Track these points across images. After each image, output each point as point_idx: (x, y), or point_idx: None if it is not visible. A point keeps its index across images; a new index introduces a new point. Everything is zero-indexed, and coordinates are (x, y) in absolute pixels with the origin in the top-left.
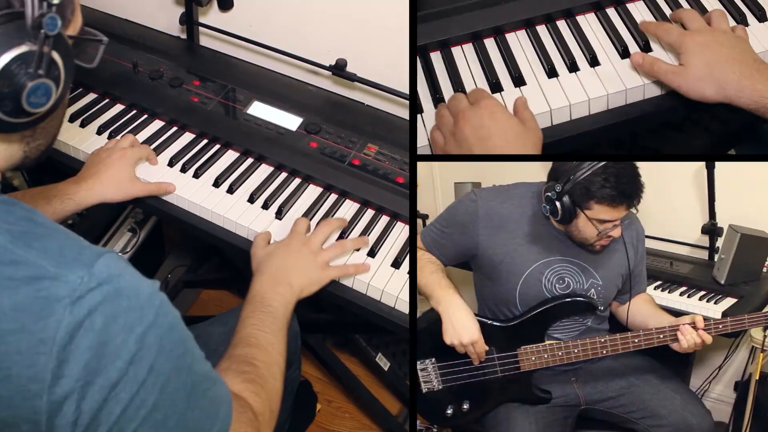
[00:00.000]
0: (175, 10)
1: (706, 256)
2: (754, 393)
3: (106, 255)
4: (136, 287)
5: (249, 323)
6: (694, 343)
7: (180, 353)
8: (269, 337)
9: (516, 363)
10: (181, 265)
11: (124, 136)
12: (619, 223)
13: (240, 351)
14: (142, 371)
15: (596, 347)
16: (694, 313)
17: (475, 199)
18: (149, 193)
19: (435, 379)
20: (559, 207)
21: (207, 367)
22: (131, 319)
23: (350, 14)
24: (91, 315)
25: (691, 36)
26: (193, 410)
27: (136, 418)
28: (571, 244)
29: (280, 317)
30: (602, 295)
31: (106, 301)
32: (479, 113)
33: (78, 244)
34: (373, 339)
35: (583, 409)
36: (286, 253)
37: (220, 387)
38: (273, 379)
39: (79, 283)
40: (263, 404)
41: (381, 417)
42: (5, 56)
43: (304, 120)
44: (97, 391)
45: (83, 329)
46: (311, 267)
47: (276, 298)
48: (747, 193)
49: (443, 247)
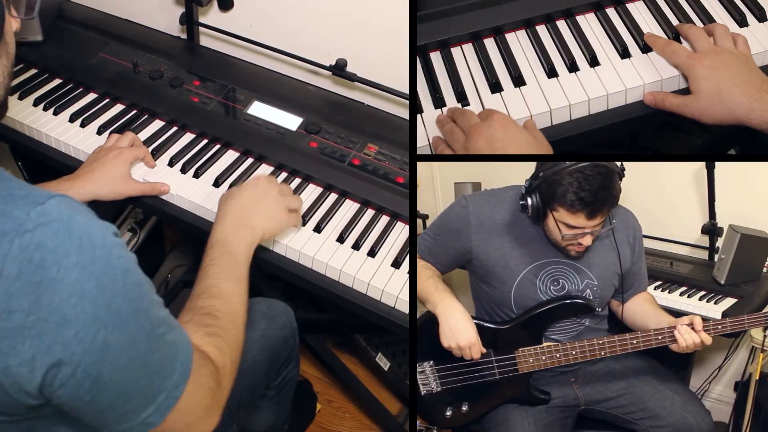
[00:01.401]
0: (175, 10)
1: (706, 256)
2: (754, 393)
3: (59, 197)
4: (88, 228)
5: (212, 272)
6: (692, 344)
7: (137, 295)
8: (231, 286)
9: (514, 365)
10: (181, 265)
11: (124, 134)
12: (589, 232)
13: (202, 302)
14: (99, 310)
15: (594, 349)
16: (694, 314)
17: (466, 204)
18: (143, 193)
19: (433, 381)
20: (530, 203)
21: (164, 312)
22: (85, 258)
23: (350, 14)
24: (40, 250)
25: (699, 60)
26: (153, 353)
27: (100, 361)
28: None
29: (242, 264)
30: (598, 295)
31: (56, 238)
32: (492, 127)
33: (30, 187)
34: (373, 339)
35: (582, 409)
36: (250, 195)
37: (178, 332)
38: (235, 330)
39: (25, 219)
40: (224, 357)
41: (381, 417)
42: None
43: (304, 120)
44: (52, 328)
45: (33, 264)
46: (277, 209)
47: (238, 242)
48: (747, 193)
49: (438, 255)
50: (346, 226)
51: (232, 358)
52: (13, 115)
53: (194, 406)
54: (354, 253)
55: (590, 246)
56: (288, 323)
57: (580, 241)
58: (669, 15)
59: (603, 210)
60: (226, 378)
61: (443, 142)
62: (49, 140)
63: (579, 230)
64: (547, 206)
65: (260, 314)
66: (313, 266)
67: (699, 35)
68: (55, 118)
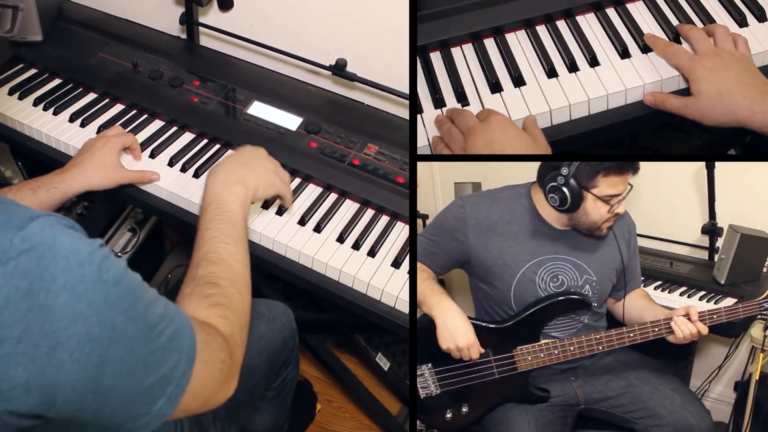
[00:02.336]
0: (175, 10)
1: (706, 256)
2: (754, 393)
3: (41, 218)
4: (73, 247)
5: (209, 235)
6: (689, 334)
7: (129, 304)
8: (231, 248)
9: (513, 363)
10: (181, 265)
11: (111, 127)
12: (622, 198)
13: (203, 271)
14: (92, 328)
15: (592, 344)
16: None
17: (463, 205)
18: (133, 180)
19: (432, 384)
20: (567, 192)
21: (161, 306)
22: (72, 279)
23: (350, 14)
24: (27, 277)
25: (700, 62)
26: (155, 353)
27: (99, 375)
28: (564, 241)
29: (239, 222)
30: (597, 291)
31: (42, 263)
32: (491, 128)
33: (10, 209)
34: (373, 339)
35: (582, 408)
36: (241, 154)
37: (178, 320)
38: (240, 295)
39: (8, 246)
40: (232, 326)
41: (381, 417)
42: None
43: (304, 120)
44: (45, 353)
45: (20, 292)
46: (268, 168)
47: (232, 200)
48: (747, 193)
49: (435, 256)
50: (346, 226)
51: (240, 324)
52: (13, 115)
53: (208, 384)
54: (354, 253)
55: (589, 242)
56: (287, 325)
57: (618, 211)
58: (669, 15)
59: (637, 165)
60: (237, 346)
61: (442, 142)
62: (49, 140)
63: (616, 198)
64: (585, 188)
65: (260, 315)
66: (312, 266)
67: (699, 36)
68: (55, 118)
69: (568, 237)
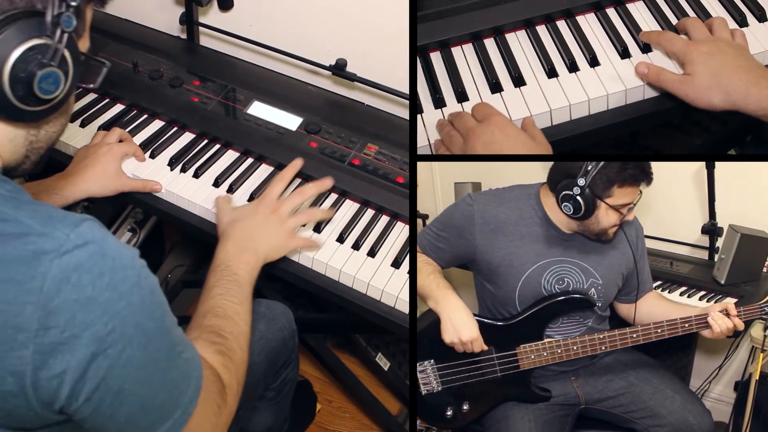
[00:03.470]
0: (175, 10)
1: (706, 256)
2: (754, 393)
3: (90, 220)
4: (119, 250)
5: (216, 293)
6: (726, 329)
7: (161, 314)
8: (236, 307)
9: (515, 362)
10: (181, 265)
11: (112, 129)
12: (633, 206)
13: (209, 321)
14: (127, 328)
15: (595, 343)
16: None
17: (472, 203)
18: (135, 189)
19: (434, 380)
20: (582, 202)
21: (180, 331)
22: (116, 278)
23: (350, 14)
24: (78, 270)
25: (696, 46)
26: (172, 370)
27: (123, 376)
28: (571, 244)
29: (246, 285)
30: (603, 295)
31: (92, 259)
32: (489, 130)
33: (62, 211)
34: (373, 339)
35: (582, 408)
36: (252, 218)
37: (192, 351)
38: (241, 350)
39: (64, 240)
40: (232, 376)
41: (381, 417)
42: (25, 45)
43: (304, 120)
44: (84, 345)
45: (70, 284)
46: (277, 233)
47: (241, 266)
48: (747, 193)
49: (440, 251)
50: (346, 226)
51: (238, 378)
52: None
53: (203, 422)
54: (354, 253)
55: (596, 246)
56: (287, 325)
57: (628, 218)
58: (669, 15)
59: (651, 176)
60: (233, 396)
61: (443, 146)
62: None
63: (627, 206)
64: (600, 197)
65: (259, 316)
66: (313, 266)
67: (696, 26)
68: None
69: (576, 240)
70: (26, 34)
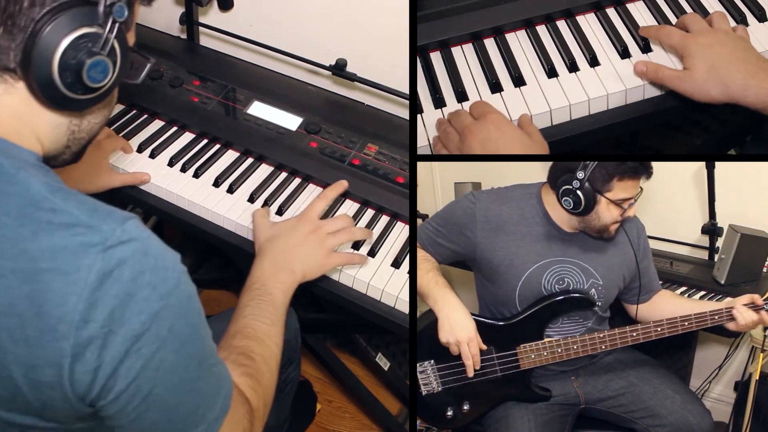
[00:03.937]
0: (175, 10)
1: (706, 256)
2: (754, 393)
3: (135, 218)
4: (162, 251)
5: (248, 312)
6: (751, 321)
7: (196, 322)
8: (268, 329)
9: (516, 361)
10: None
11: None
12: (634, 201)
13: (238, 342)
14: (163, 330)
15: (595, 342)
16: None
17: (474, 200)
18: (125, 183)
19: (434, 381)
20: (582, 196)
21: (214, 346)
22: (157, 278)
23: (350, 14)
24: (121, 265)
25: (694, 38)
26: (202, 380)
27: (154, 378)
28: (572, 244)
29: (280, 306)
30: (603, 295)
31: (135, 256)
32: (486, 127)
33: (108, 206)
34: (373, 339)
35: (582, 408)
36: (291, 237)
37: (223, 368)
38: (269, 373)
39: (111, 234)
40: (259, 399)
41: (381, 417)
42: (76, 32)
43: (304, 120)
44: (119, 341)
45: (113, 277)
46: (316, 253)
47: (276, 286)
48: (747, 193)
49: (439, 246)
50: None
51: (266, 401)
52: None
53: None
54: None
55: (598, 246)
56: (291, 324)
57: (629, 213)
58: (669, 15)
59: (651, 169)
60: (259, 420)
61: (440, 143)
62: None
63: (628, 201)
64: (600, 192)
65: None
66: None
67: (695, 19)
68: None
69: (577, 240)
70: (78, 21)
